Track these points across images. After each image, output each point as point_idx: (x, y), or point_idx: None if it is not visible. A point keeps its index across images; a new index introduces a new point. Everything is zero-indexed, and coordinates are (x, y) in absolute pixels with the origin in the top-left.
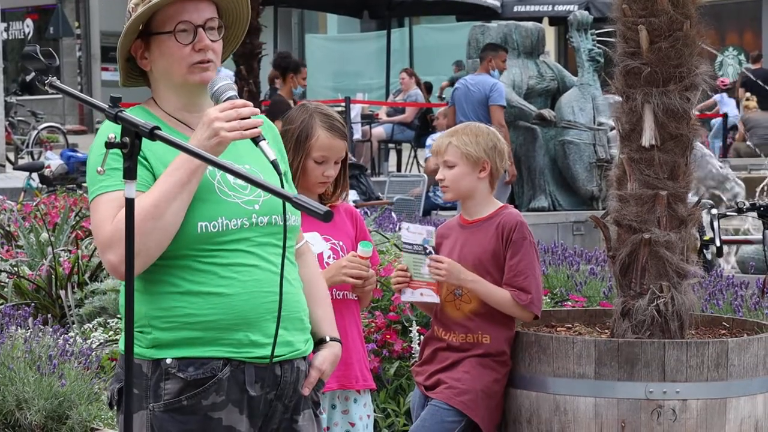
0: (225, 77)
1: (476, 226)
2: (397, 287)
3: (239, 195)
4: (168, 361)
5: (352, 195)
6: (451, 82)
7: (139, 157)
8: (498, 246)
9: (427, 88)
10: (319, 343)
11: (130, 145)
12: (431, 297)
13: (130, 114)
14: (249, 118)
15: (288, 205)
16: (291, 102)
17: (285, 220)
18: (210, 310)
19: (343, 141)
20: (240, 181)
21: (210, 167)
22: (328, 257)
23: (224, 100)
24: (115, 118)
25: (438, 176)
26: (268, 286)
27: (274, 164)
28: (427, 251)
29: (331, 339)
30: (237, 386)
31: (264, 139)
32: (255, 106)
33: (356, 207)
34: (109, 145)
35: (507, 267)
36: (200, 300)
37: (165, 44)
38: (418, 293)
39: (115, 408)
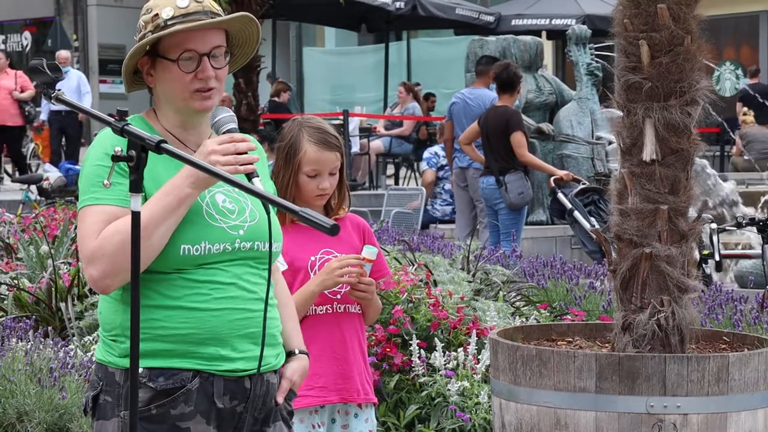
0: (227, 109)
1: None
2: None
3: (226, 220)
4: (139, 370)
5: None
6: None
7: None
8: None
9: (426, 98)
10: (288, 355)
11: (137, 158)
12: None
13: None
14: (246, 153)
15: (274, 230)
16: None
17: (270, 245)
18: (183, 324)
19: (334, 153)
20: (228, 206)
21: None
22: None
23: (224, 132)
24: (122, 132)
25: None
26: (241, 303)
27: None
28: None
29: (300, 352)
30: (206, 398)
31: (258, 176)
32: (254, 119)
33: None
34: (115, 158)
35: None
36: (174, 314)
37: (168, 69)
38: None
39: (90, 414)
